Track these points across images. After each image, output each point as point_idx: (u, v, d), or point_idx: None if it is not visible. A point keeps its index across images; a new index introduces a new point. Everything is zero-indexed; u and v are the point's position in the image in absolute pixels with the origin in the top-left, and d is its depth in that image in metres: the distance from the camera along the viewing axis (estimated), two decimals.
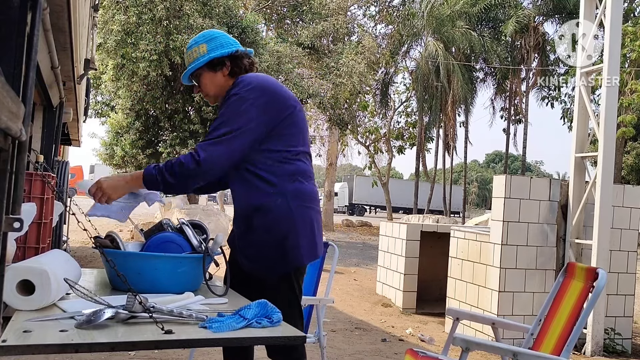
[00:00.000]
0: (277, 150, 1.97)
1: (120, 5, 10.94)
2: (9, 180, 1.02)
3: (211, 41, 2.07)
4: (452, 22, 23.17)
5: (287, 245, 1.95)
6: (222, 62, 2.06)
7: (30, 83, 1.16)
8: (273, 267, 1.98)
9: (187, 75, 2.10)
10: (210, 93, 2.11)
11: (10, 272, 1.36)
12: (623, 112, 13.53)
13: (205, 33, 2.12)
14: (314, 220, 2.04)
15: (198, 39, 2.09)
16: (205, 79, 2.08)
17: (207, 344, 1.37)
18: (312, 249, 2.02)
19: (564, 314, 2.40)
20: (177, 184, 1.88)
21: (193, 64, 2.06)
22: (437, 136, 27.82)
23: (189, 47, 2.10)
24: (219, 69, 2.06)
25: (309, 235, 2.01)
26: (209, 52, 2.05)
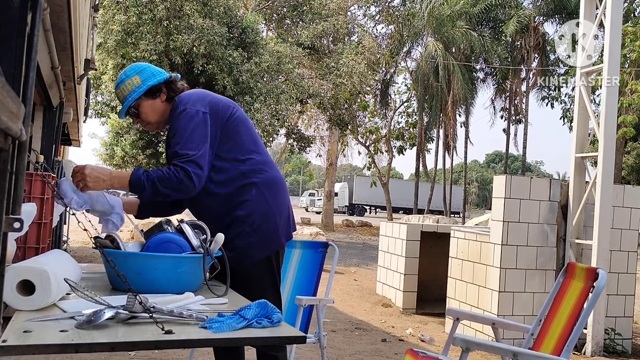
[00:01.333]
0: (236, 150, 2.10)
1: (120, 6, 10.95)
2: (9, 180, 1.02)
3: (142, 72, 2.11)
4: (453, 22, 23.17)
5: (265, 229, 2.10)
6: (160, 88, 2.12)
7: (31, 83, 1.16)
8: (256, 253, 2.10)
9: (127, 107, 2.11)
10: (152, 120, 2.15)
11: (11, 272, 1.36)
12: (623, 113, 13.53)
13: (132, 67, 2.16)
14: (283, 204, 2.19)
15: (128, 72, 2.12)
16: (145, 107, 2.12)
17: (207, 344, 1.37)
18: (287, 228, 2.20)
19: (564, 314, 2.40)
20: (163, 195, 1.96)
21: (132, 95, 2.09)
22: (437, 136, 27.83)
23: (120, 82, 2.12)
24: (157, 96, 2.12)
25: (285, 219, 2.18)
26: (144, 82, 2.09)
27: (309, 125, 22.81)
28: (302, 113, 19.68)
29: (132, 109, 2.12)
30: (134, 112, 2.13)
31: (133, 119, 2.17)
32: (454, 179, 31.40)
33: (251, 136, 2.17)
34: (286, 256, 3.00)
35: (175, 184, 1.93)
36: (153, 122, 2.17)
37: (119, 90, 2.13)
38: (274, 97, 12.07)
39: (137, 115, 2.14)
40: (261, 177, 2.12)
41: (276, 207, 2.14)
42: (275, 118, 12.33)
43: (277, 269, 2.19)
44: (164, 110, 2.14)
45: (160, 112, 2.14)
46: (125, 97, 2.11)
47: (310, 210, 38.66)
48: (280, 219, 2.15)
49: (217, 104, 2.12)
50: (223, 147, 2.09)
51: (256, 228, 2.09)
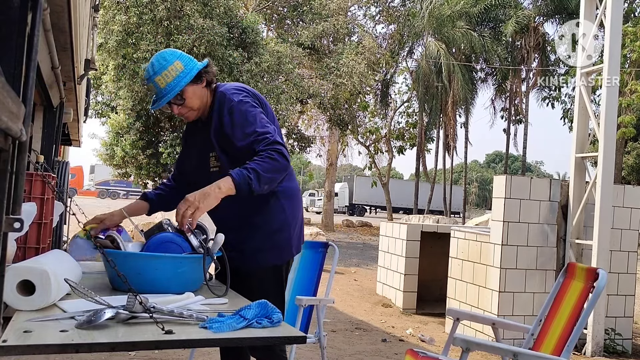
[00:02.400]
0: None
1: (121, 6, 10.96)
2: (9, 180, 1.02)
3: (181, 57, 2.05)
4: (453, 23, 23.18)
5: (279, 238, 2.10)
6: (202, 74, 2.09)
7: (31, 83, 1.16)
8: (265, 260, 2.09)
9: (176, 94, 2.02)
10: (196, 106, 2.10)
11: (11, 272, 1.36)
12: (623, 113, 13.53)
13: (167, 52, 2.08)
14: (299, 216, 2.20)
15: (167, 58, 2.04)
16: (189, 93, 2.05)
17: (207, 344, 1.37)
18: (299, 241, 2.20)
19: (564, 315, 2.40)
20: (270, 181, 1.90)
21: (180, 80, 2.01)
22: (438, 136, 27.84)
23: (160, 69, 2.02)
24: (200, 81, 2.08)
25: (297, 230, 2.18)
26: (187, 66, 2.03)
27: (309, 126, 22.81)
28: (302, 113, 19.68)
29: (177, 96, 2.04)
30: (179, 98, 2.05)
31: (172, 107, 2.08)
32: (454, 179, 31.40)
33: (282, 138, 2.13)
34: None
35: (275, 165, 1.89)
36: (196, 109, 2.10)
37: (160, 77, 2.01)
38: (274, 97, 12.07)
39: (181, 103, 2.06)
40: (282, 186, 2.08)
41: (292, 217, 2.14)
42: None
43: (285, 279, 2.18)
44: (205, 95, 2.11)
45: (202, 97, 2.10)
46: (168, 84, 2.01)
47: (311, 210, 38.66)
48: (294, 230, 2.15)
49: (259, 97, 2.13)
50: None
51: (270, 236, 2.09)
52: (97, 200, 34.69)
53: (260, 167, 1.86)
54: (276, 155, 1.89)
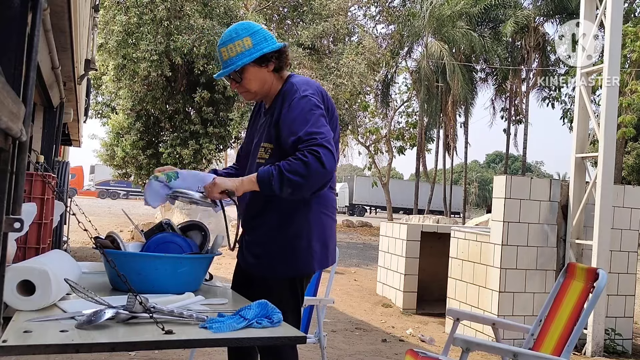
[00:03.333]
0: None
1: (121, 6, 10.96)
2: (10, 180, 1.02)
3: (255, 34, 1.93)
4: (453, 23, 23.18)
5: (298, 246, 1.90)
6: (271, 57, 1.95)
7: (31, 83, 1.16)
8: (279, 268, 1.92)
9: (231, 71, 1.93)
10: (253, 89, 1.99)
11: (11, 272, 1.36)
12: (623, 113, 13.53)
13: (244, 25, 1.97)
14: (328, 226, 1.98)
15: (239, 31, 1.93)
16: (249, 74, 1.94)
17: (207, 345, 1.37)
18: (323, 256, 1.96)
19: (564, 315, 2.40)
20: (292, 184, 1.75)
21: (241, 59, 1.91)
22: (438, 136, 27.84)
23: (228, 40, 1.93)
24: (265, 65, 1.95)
25: (322, 240, 1.95)
26: (256, 46, 1.91)
27: None
28: None
29: (236, 73, 1.94)
30: (236, 76, 1.95)
31: (231, 82, 2.00)
32: (454, 179, 31.41)
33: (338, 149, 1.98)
34: None
35: (304, 168, 1.71)
36: (253, 92, 1.99)
37: (225, 48, 1.93)
38: None
39: (238, 81, 1.96)
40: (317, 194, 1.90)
41: (316, 225, 1.93)
42: None
43: (302, 292, 1.98)
44: (268, 80, 1.98)
45: (264, 82, 1.98)
46: (230, 59, 1.92)
47: None
48: (317, 240, 1.92)
49: (328, 100, 1.97)
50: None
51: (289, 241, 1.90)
52: (97, 200, 34.68)
53: (287, 167, 1.73)
54: (310, 158, 1.71)
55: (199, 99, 11.78)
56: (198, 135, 12.26)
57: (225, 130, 12.38)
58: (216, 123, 12.37)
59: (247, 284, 2.03)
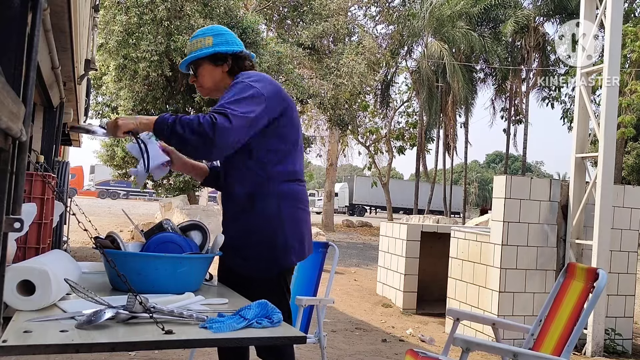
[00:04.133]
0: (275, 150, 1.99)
1: (121, 6, 10.95)
2: (10, 180, 1.02)
3: (218, 36, 2.08)
4: (452, 23, 23.18)
5: (276, 244, 1.99)
6: (225, 58, 2.07)
7: (31, 83, 1.16)
8: (262, 267, 2.00)
9: (187, 62, 2.11)
10: (205, 86, 2.12)
11: (11, 272, 1.36)
12: (623, 113, 13.53)
13: (213, 27, 2.15)
14: (302, 220, 2.07)
15: (206, 30, 2.11)
16: (204, 70, 2.09)
17: (207, 345, 1.37)
18: (301, 249, 2.06)
19: (564, 315, 2.40)
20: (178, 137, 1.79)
21: (195, 53, 2.07)
22: (438, 136, 27.84)
23: (195, 36, 2.11)
24: (220, 65, 2.07)
25: (298, 236, 2.04)
26: (214, 46, 2.06)
27: (309, 126, 22.82)
28: (302, 113, 19.67)
29: (192, 67, 2.11)
30: (193, 70, 2.12)
31: (190, 76, 2.15)
32: (454, 179, 31.41)
33: (294, 141, 2.04)
34: None
35: (194, 125, 1.75)
36: (206, 88, 2.13)
37: (190, 43, 2.12)
38: None
39: (195, 75, 2.12)
40: (284, 186, 2.00)
41: (290, 220, 2.01)
42: None
43: (286, 287, 2.07)
44: (221, 81, 2.09)
45: (217, 81, 2.10)
46: (190, 52, 2.10)
47: (311, 211, 38.54)
48: (293, 235, 2.02)
49: (278, 93, 1.99)
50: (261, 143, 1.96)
51: (265, 241, 1.98)
52: (97, 200, 34.68)
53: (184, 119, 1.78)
54: (204, 119, 1.75)
55: (199, 99, 11.79)
56: None
57: None
58: None
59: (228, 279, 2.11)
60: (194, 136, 1.76)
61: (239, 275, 2.06)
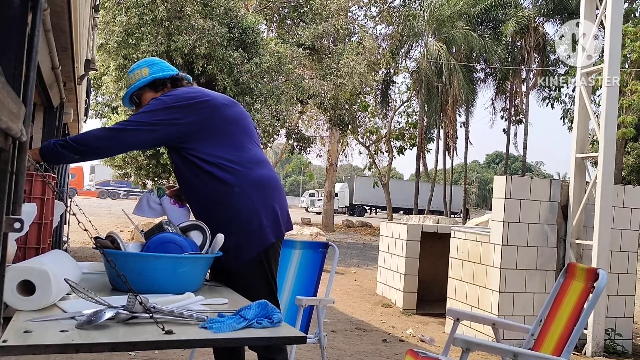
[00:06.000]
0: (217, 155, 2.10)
1: (121, 6, 10.95)
2: (10, 180, 1.02)
3: (152, 65, 2.23)
4: (452, 23, 23.18)
5: (252, 228, 2.09)
6: (164, 83, 2.21)
7: (31, 83, 1.16)
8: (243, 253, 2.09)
9: (129, 95, 2.23)
10: None
11: (11, 272, 1.36)
12: (623, 113, 13.52)
13: (146, 60, 2.29)
14: (271, 201, 2.16)
15: (140, 63, 2.25)
16: (145, 98, 2.20)
17: (207, 345, 1.37)
18: (277, 226, 2.16)
19: (564, 315, 2.40)
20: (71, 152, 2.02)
21: (136, 84, 2.20)
22: (438, 136, 27.83)
23: (130, 71, 2.25)
24: (160, 89, 2.20)
25: (272, 216, 2.14)
26: (151, 74, 2.20)
27: (309, 126, 22.83)
28: (302, 113, 19.68)
29: (134, 98, 2.23)
30: (135, 101, 2.24)
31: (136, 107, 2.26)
32: (454, 179, 31.40)
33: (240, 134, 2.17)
34: (286, 256, 3.00)
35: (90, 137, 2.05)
36: None
37: (129, 78, 2.25)
38: (274, 98, 12.06)
39: (137, 105, 2.23)
40: (244, 177, 2.10)
41: (262, 205, 2.11)
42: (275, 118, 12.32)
43: (270, 268, 2.15)
44: None
45: None
46: (130, 86, 2.23)
47: (311, 211, 38.64)
48: (267, 217, 2.12)
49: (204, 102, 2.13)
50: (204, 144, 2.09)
51: (242, 227, 2.08)
52: (97, 200, 34.68)
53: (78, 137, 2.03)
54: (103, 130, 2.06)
55: None
56: None
57: None
58: None
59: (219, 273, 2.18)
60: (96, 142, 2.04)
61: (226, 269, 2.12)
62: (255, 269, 2.12)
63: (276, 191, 2.21)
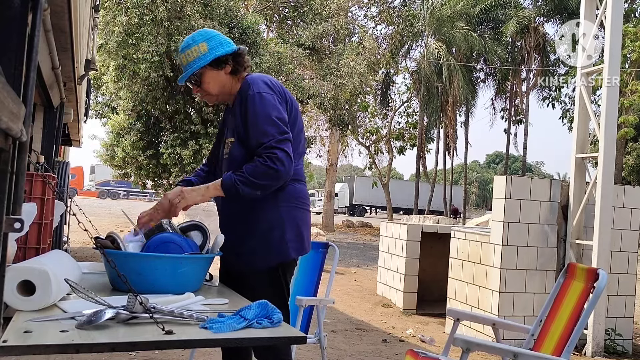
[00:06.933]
0: None
1: (121, 7, 10.95)
2: (10, 180, 1.02)
3: (210, 40, 2.03)
4: (452, 23, 23.19)
5: (272, 237, 2.00)
6: (226, 60, 2.04)
7: (31, 84, 1.16)
8: (256, 260, 2.01)
9: (188, 76, 2.05)
10: (213, 92, 2.08)
11: (11, 272, 1.36)
12: (624, 113, 13.52)
13: (201, 32, 2.08)
14: (301, 219, 2.07)
15: (196, 38, 2.04)
16: (208, 77, 2.04)
17: (207, 345, 1.37)
18: (299, 244, 2.06)
19: (564, 315, 2.40)
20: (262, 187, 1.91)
21: (196, 63, 2.01)
22: (438, 137, 27.84)
23: (185, 46, 2.05)
24: (222, 67, 2.04)
25: (295, 231, 2.04)
26: (211, 50, 2.01)
27: (310, 126, 22.83)
28: (302, 113, 19.64)
29: (194, 77, 2.05)
30: (195, 80, 2.05)
31: (193, 87, 2.09)
32: (454, 179, 31.41)
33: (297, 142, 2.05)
34: None
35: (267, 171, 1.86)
36: (214, 94, 2.09)
37: (184, 55, 2.04)
38: None
39: (198, 85, 2.06)
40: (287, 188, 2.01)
41: (288, 217, 2.02)
42: None
43: (285, 283, 2.05)
44: (227, 83, 2.07)
45: (223, 84, 2.07)
46: (188, 64, 2.03)
47: (311, 211, 38.62)
48: (290, 231, 2.02)
49: (287, 96, 2.05)
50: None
51: (263, 235, 1.99)
52: (97, 200, 34.67)
53: (252, 172, 1.87)
54: (269, 162, 1.86)
55: (199, 99, 11.79)
56: (198, 135, 12.27)
57: None
58: (216, 123, 12.37)
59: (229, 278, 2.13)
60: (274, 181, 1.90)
61: (238, 273, 2.07)
62: (268, 281, 2.02)
63: (306, 207, 2.13)
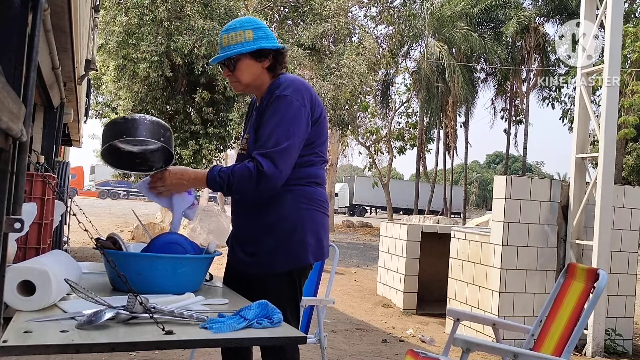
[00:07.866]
0: (302, 155, 1.94)
1: (121, 7, 10.95)
2: (10, 180, 1.02)
3: (258, 29, 1.97)
4: (453, 23, 23.20)
5: (292, 239, 1.93)
6: (268, 54, 1.98)
7: (31, 84, 1.16)
8: (275, 262, 1.93)
9: (226, 57, 1.97)
10: (244, 81, 2.01)
11: (11, 272, 1.36)
12: (624, 114, 13.51)
13: (249, 19, 2.03)
14: (319, 221, 2.01)
15: (244, 23, 1.99)
16: (244, 65, 1.97)
17: (207, 345, 1.37)
18: (318, 249, 1.99)
19: (564, 315, 2.40)
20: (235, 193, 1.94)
21: (237, 48, 1.95)
22: (438, 137, 27.85)
23: (231, 28, 1.98)
24: (261, 60, 1.98)
25: (315, 234, 1.98)
26: (256, 40, 1.95)
27: None
28: None
29: (230, 61, 1.98)
30: (230, 64, 1.98)
31: (224, 70, 2.02)
32: (454, 179, 31.41)
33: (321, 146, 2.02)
34: None
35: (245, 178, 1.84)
36: (244, 83, 2.02)
37: (226, 35, 1.97)
38: None
39: (232, 70, 1.99)
40: (303, 188, 1.96)
41: (310, 220, 1.96)
42: None
43: (300, 287, 2.01)
44: (260, 77, 2.01)
45: (256, 77, 2.00)
46: (229, 45, 1.97)
47: None
48: (311, 234, 1.96)
49: (316, 102, 1.99)
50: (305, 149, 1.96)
51: (283, 237, 1.93)
52: (97, 200, 34.68)
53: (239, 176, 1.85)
54: (254, 173, 1.82)
55: (199, 99, 11.79)
56: (198, 135, 12.27)
57: (225, 130, 12.39)
58: (216, 123, 12.38)
59: (239, 281, 2.06)
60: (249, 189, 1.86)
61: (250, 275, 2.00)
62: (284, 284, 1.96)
63: (326, 212, 2.07)
